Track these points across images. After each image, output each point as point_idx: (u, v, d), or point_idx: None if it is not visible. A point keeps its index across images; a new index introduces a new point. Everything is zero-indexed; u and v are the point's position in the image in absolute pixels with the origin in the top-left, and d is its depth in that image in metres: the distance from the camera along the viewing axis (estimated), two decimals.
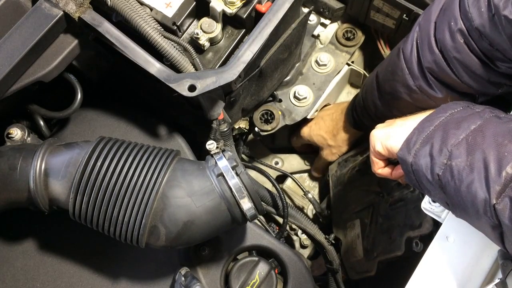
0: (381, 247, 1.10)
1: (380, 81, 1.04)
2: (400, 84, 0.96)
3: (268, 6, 0.97)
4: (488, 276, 0.75)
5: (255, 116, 1.27)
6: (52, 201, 0.85)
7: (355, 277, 1.18)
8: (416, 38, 0.92)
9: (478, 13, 0.80)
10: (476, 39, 0.82)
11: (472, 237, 0.78)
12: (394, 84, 0.98)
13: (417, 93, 0.94)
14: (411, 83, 0.94)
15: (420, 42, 0.91)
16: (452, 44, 0.85)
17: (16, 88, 0.90)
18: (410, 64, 0.94)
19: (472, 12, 0.80)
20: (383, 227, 1.12)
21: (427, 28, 0.90)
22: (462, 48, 0.84)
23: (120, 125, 1.07)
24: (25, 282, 0.96)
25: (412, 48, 0.93)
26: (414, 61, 0.92)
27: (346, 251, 1.23)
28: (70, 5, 0.91)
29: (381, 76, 1.04)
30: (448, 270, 0.77)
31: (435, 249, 0.78)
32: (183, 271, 0.91)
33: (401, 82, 0.96)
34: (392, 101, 1.02)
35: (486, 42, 0.81)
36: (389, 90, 1.01)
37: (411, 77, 0.94)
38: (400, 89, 0.96)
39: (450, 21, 0.84)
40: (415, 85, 0.93)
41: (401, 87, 0.96)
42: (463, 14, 0.83)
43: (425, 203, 0.81)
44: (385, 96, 1.03)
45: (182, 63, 0.94)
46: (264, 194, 1.06)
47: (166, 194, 0.82)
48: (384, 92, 1.03)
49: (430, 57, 0.88)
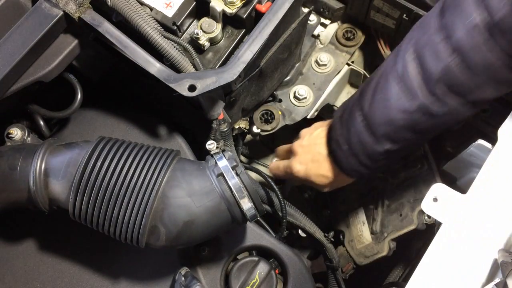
0: (391, 226, 1.12)
1: (368, 113, 0.93)
2: (395, 110, 0.87)
3: (268, 6, 0.97)
4: (488, 276, 0.75)
5: (255, 116, 1.27)
6: (52, 201, 0.85)
7: (364, 262, 1.18)
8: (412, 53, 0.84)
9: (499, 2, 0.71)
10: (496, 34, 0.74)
11: (472, 237, 0.78)
12: (387, 112, 0.89)
13: (416, 115, 0.86)
14: (408, 106, 0.85)
15: (420, 55, 0.83)
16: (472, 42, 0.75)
17: (16, 88, 0.90)
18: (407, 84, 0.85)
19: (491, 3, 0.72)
20: (391, 208, 1.14)
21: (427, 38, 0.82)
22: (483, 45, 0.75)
23: (120, 125, 1.07)
24: (25, 282, 0.96)
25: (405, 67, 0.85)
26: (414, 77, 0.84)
27: (351, 240, 1.23)
28: (70, 5, 0.91)
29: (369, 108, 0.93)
30: (448, 270, 0.77)
31: (435, 249, 0.78)
32: (183, 271, 0.91)
33: (396, 108, 0.87)
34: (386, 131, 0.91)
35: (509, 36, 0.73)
36: (381, 120, 0.90)
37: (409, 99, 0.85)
38: (397, 115, 0.87)
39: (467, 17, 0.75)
40: (414, 106, 0.85)
41: (398, 113, 0.87)
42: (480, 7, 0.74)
43: (425, 203, 0.82)
44: (378, 128, 0.92)
45: (182, 63, 0.94)
46: (262, 193, 1.06)
47: (166, 194, 0.82)
48: (375, 124, 0.92)
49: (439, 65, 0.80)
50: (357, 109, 0.94)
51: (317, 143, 1.04)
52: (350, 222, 1.25)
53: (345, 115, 0.98)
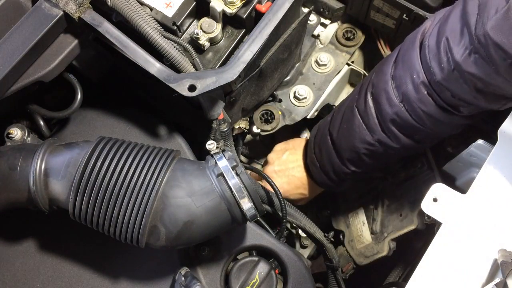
0: (391, 226, 1.12)
1: (336, 140, 1.05)
2: (358, 140, 0.99)
3: (268, 6, 0.97)
4: (488, 276, 0.75)
5: (255, 116, 1.27)
6: (52, 201, 0.85)
7: (364, 262, 1.18)
8: (370, 94, 0.96)
9: (439, 68, 0.83)
10: (438, 91, 0.85)
11: (472, 237, 0.78)
12: (351, 141, 1.00)
13: (375, 147, 0.97)
14: (369, 139, 0.97)
15: (376, 97, 0.94)
16: (416, 96, 0.88)
17: (16, 88, 0.90)
18: (367, 119, 0.96)
19: (433, 66, 0.84)
20: (391, 208, 1.15)
21: (382, 84, 0.93)
22: (426, 99, 0.87)
23: (120, 125, 1.07)
24: (25, 282, 0.96)
25: (366, 104, 0.96)
26: (372, 115, 0.95)
27: (351, 240, 1.23)
28: (70, 5, 0.91)
29: (337, 135, 1.05)
30: (448, 270, 0.77)
31: (435, 249, 0.78)
32: (183, 271, 0.91)
33: (359, 139, 0.98)
34: (350, 157, 1.04)
35: (448, 93, 0.84)
36: (347, 147, 1.02)
37: (368, 132, 0.97)
38: (359, 145, 0.99)
39: (412, 73, 0.87)
40: (374, 139, 0.96)
41: (360, 143, 0.99)
42: (425, 68, 0.86)
43: (425, 203, 0.82)
44: (344, 153, 1.04)
45: (182, 63, 0.94)
46: (262, 193, 1.06)
47: (166, 194, 0.82)
48: (342, 149, 1.04)
49: (391, 110, 0.91)
50: (328, 133, 1.07)
51: (289, 168, 1.18)
52: (350, 222, 1.25)
53: (318, 136, 1.11)
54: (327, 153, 1.07)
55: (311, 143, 1.13)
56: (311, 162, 1.14)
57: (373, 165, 1.04)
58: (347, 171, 1.06)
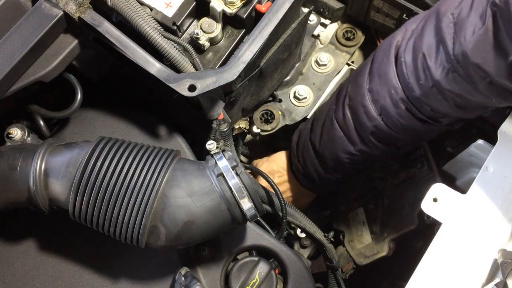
0: (391, 226, 1.13)
1: (319, 150, 1.06)
2: (340, 151, 1.00)
3: (268, 6, 0.97)
4: (488, 276, 0.75)
5: (255, 116, 1.27)
6: (52, 201, 0.85)
7: (364, 262, 1.18)
8: (348, 107, 0.96)
9: (418, 84, 0.83)
10: (418, 106, 0.86)
11: (472, 237, 0.78)
12: (334, 152, 1.02)
13: (358, 156, 0.99)
14: (351, 149, 0.98)
15: (354, 110, 0.95)
16: (395, 110, 0.88)
17: (16, 88, 0.90)
18: (347, 131, 0.97)
19: (412, 83, 0.84)
20: (391, 208, 1.15)
21: (360, 98, 0.93)
22: (405, 114, 0.88)
23: (120, 125, 1.07)
24: (25, 282, 0.96)
25: (345, 116, 0.97)
26: (351, 128, 0.96)
27: (351, 240, 1.23)
28: (70, 5, 0.91)
29: (319, 145, 1.06)
30: (448, 270, 0.77)
31: (435, 249, 0.78)
32: (183, 271, 0.91)
33: (342, 150, 1.00)
34: (335, 166, 1.06)
35: (428, 108, 0.85)
36: (330, 157, 1.04)
37: (350, 143, 0.98)
38: (342, 155, 1.01)
39: (390, 89, 0.87)
40: (355, 150, 0.98)
41: (342, 153, 1.00)
42: (403, 84, 0.86)
43: (425, 203, 0.82)
44: (328, 162, 1.06)
45: (182, 63, 0.94)
46: (263, 193, 1.06)
47: (166, 194, 0.82)
48: (325, 159, 1.06)
49: (370, 123, 0.92)
50: (310, 143, 1.09)
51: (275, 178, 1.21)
52: (350, 222, 1.25)
53: (300, 145, 1.13)
54: (311, 162, 1.10)
55: (294, 151, 1.16)
56: (296, 169, 1.16)
57: (357, 170, 1.08)
58: (332, 178, 1.09)
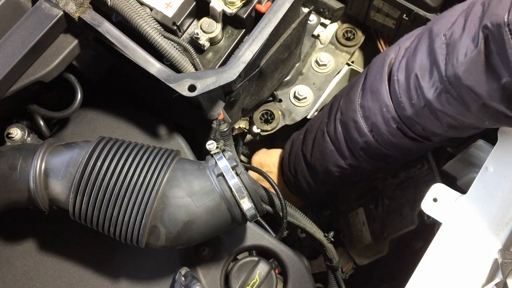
0: (391, 226, 1.13)
1: (310, 161, 1.07)
2: (331, 164, 1.01)
3: (268, 6, 0.97)
4: (488, 276, 0.75)
5: (255, 116, 1.27)
6: (52, 201, 0.85)
7: (364, 262, 1.18)
8: (340, 122, 0.96)
9: (410, 104, 0.83)
10: (409, 125, 0.86)
11: (472, 237, 0.78)
12: (325, 164, 1.02)
13: (348, 170, 0.99)
14: (341, 163, 0.99)
15: (345, 125, 0.95)
16: (386, 128, 0.88)
17: (16, 88, 0.90)
18: (338, 145, 0.98)
19: (404, 102, 0.84)
20: (391, 208, 1.15)
21: (351, 113, 0.93)
22: (396, 132, 0.88)
23: (120, 125, 1.07)
24: (25, 282, 0.96)
25: (336, 130, 0.97)
26: (342, 142, 0.96)
27: (351, 240, 1.23)
28: (70, 5, 0.91)
29: (310, 157, 1.06)
30: (448, 270, 0.77)
31: (435, 249, 0.78)
32: (183, 271, 0.91)
33: (332, 163, 1.00)
34: (325, 178, 1.06)
35: (419, 127, 0.85)
36: (321, 169, 1.05)
37: (340, 157, 0.98)
38: (332, 168, 1.01)
39: (382, 107, 0.87)
40: (346, 164, 0.98)
41: (333, 167, 1.01)
42: (395, 103, 0.86)
43: (425, 203, 0.82)
44: (318, 174, 1.07)
45: (182, 63, 0.94)
46: (263, 193, 1.06)
47: (166, 194, 0.82)
48: (316, 171, 1.07)
49: (361, 139, 0.92)
50: (301, 154, 1.09)
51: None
52: (350, 222, 1.25)
53: (292, 156, 1.14)
54: (302, 173, 1.10)
55: (286, 161, 1.16)
56: (287, 179, 1.17)
57: (347, 183, 1.09)
58: (322, 189, 1.10)
